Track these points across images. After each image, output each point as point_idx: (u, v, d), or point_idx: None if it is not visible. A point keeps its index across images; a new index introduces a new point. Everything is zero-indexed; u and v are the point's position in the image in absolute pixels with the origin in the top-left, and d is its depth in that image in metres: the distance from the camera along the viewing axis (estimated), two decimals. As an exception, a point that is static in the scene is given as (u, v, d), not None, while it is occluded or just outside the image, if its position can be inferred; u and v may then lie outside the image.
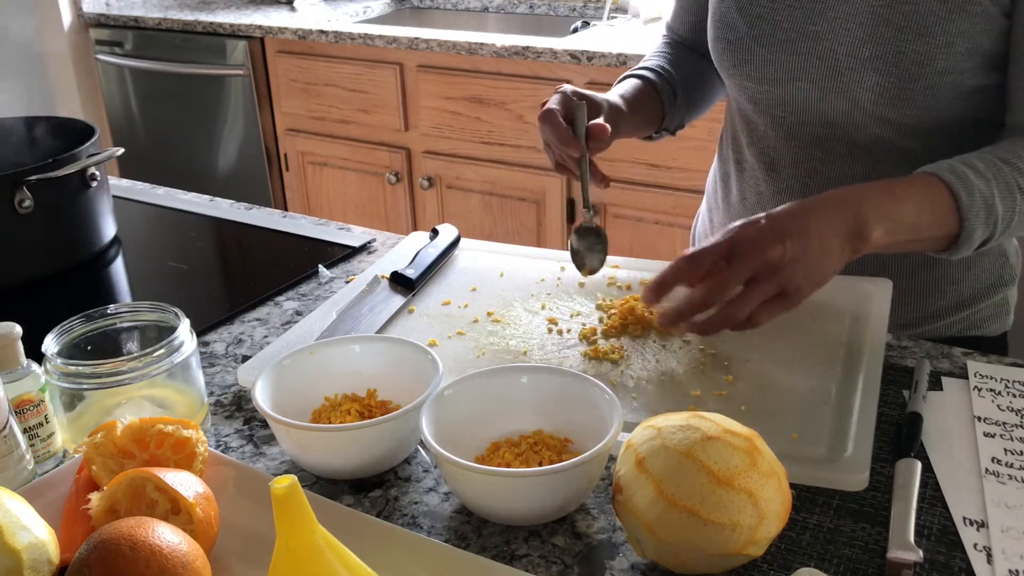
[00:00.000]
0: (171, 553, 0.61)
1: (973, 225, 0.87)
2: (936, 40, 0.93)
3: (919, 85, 0.95)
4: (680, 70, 1.20)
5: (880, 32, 0.95)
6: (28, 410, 0.80)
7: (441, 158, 2.69)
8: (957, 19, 0.92)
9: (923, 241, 0.89)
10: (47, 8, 3.20)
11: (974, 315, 1.09)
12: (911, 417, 0.82)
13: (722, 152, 1.21)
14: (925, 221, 0.87)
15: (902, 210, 0.86)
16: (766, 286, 0.81)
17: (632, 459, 0.67)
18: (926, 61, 0.93)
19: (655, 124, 1.18)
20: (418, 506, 0.76)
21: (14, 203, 1.11)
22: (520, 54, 2.41)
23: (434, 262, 1.12)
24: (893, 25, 0.94)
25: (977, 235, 0.89)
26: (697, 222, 1.33)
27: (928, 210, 0.87)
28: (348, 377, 0.85)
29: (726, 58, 1.07)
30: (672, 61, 1.21)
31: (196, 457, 0.74)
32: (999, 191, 0.88)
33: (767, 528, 0.64)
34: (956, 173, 0.88)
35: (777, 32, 1.01)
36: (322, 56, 2.78)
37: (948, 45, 0.92)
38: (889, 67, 0.95)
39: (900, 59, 0.94)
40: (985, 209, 0.88)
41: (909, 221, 0.86)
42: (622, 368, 0.91)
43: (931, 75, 0.94)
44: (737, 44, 1.05)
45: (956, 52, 0.93)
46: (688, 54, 1.23)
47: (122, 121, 3.31)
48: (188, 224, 1.38)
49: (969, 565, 0.68)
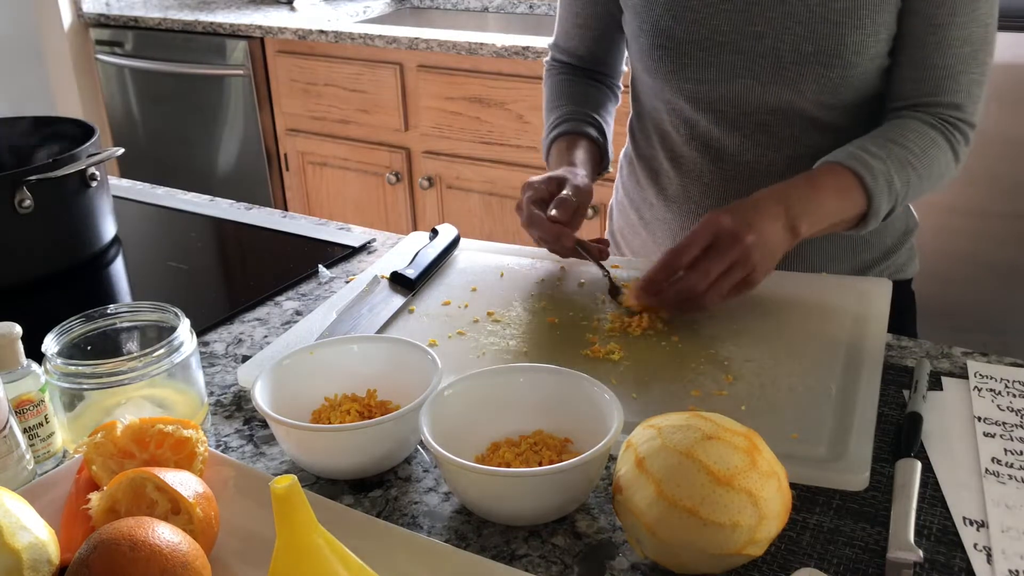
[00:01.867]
0: (171, 553, 0.61)
1: (880, 202, 0.99)
2: (867, 30, 1.01)
3: (856, 71, 1.03)
4: (592, 105, 1.23)
5: (819, 29, 1.01)
6: (28, 410, 0.80)
7: (441, 158, 2.69)
8: (881, 8, 1.00)
9: (840, 223, 1.01)
10: (47, 8, 3.20)
11: (895, 260, 1.21)
12: (911, 417, 0.82)
13: (642, 152, 1.23)
14: (841, 206, 0.98)
15: (823, 200, 0.97)
16: (737, 272, 0.92)
17: (632, 459, 0.67)
18: (861, 50, 1.02)
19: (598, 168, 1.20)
20: (418, 506, 0.76)
21: (14, 203, 1.11)
22: (520, 54, 2.41)
23: (434, 262, 1.12)
24: (831, 21, 1.01)
25: (883, 210, 1.00)
26: (613, 216, 1.34)
27: (842, 196, 0.98)
28: (348, 377, 0.85)
29: (664, 64, 1.10)
30: (580, 99, 1.23)
31: (196, 457, 0.74)
32: (895, 168, 0.99)
33: (767, 528, 0.64)
34: (858, 159, 0.99)
35: (716, 35, 1.06)
36: (322, 56, 2.79)
37: (876, 33, 1.01)
38: (832, 59, 1.02)
39: (841, 51, 1.02)
40: (887, 186, 0.99)
41: (829, 209, 0.98)
42: (622, 368, 0.91)
43: (865, 61, 1.03)
44: (675, 49, 1.08)
45: (881, 39, 1.02)
46: (584, 84, 1.26)
47: (122, 121, 3.31)
48: (188, 224, 1.38)
49: (969, 565, 0.68)
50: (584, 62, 1.27)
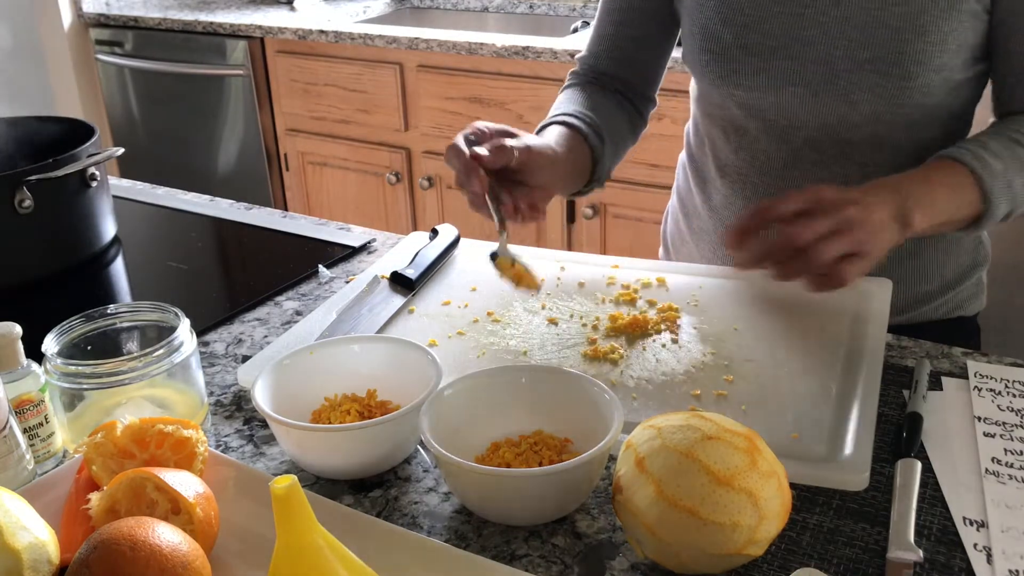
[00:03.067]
0: (171, 553, 0.61)
1: (997, 202, 0.93)
2: (931, 38, 0.96)
3: (916, 83, 0.97)
4: (600, 113, 1.13)
5: (877, 34, 0.97)
6: (28, 410, 0.80)
7: (441, 158, 2.67)
8: (948, 17, 0.95)
9: (954, 223, 0.95)
10: (47, 8, 3.20)
11: (956, 296, 1.14)
12: (911, 417, 0.82)
13: (695, 159, 1.20)
14: (954, 205, 0.92)
15: (938, 196, 0.91)
16: (842, 240, 0.82)
17: (632, 459, 0.67)
18: (924, 60, 0.96)
19: (586, 174, 1.11)
20: (418, 506, 0.76)
21: (14, 203, 1.11)
22: (520, 54, 2.41)
23: (434, 262, 1.12)
24: (889, 27, 0.96)
25: (1000, 211, 0.94)
26: (667, 221, 1.32)
27: (958, 193, 0.92)
28: (348, 377, 0.85)
29: (712, 68, 1.06)
30: (589, 105, 1.14)
31: (196, 457, 0.74)
32: (1015, 167, 0.93)
33: (767, 528, 0.64)
34: (975, 156, 0.93)
35: (767, 40, 1.02)
36: (322, 56, 2.78)
37: (942, 43, 0.96)
38: (889, 67, 0.97)
39: (900, 59, 0.96)
40: (1006, 186, 0.93)
41: (944, 206, 0.91)
42: (622, 368, 0.91)
43: (927, 73, 0.97)
44: (723, 54, 1.05)
45: (948, 49, 0.96)
46: (602, 96, 1.17)
47: (122, 121, 3.31)
48: (188, 224, 1.38)
49: (969, 565, 0.68)
50: (610, 75, 1.19)
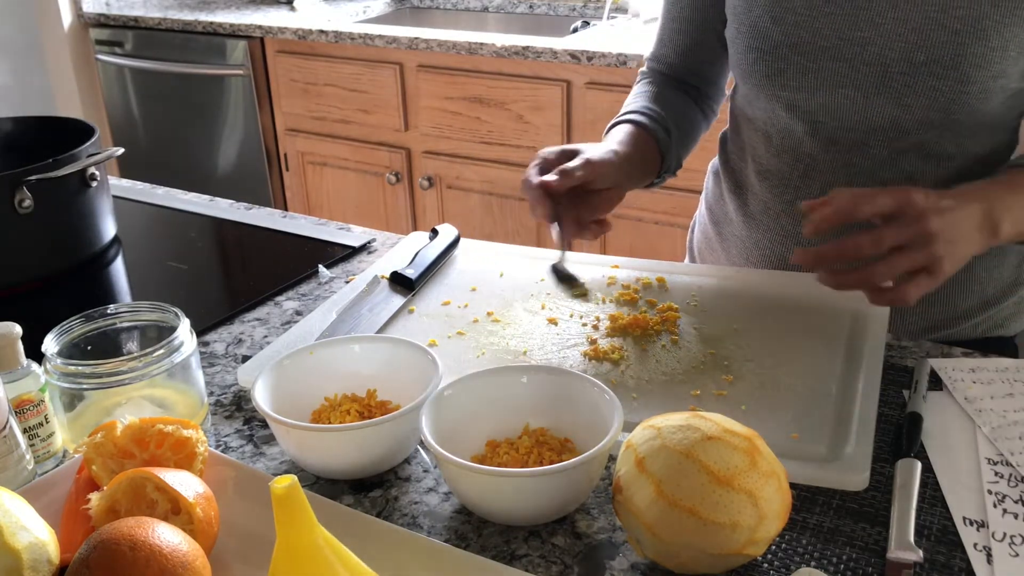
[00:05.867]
0: (171, 553, 0.61)
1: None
2: (992, 43, 0.92)
3: (973, 88, 0.94)
4: (666, 106, 1.15)
5: (935, 36, 0.94)
6: (28, 410, 0.80)
7: (441, 158, 2.69)
8: (1010, 22, 0.92)
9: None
10: (47, 8, 3.21)
11: (997, 314, 1.10)
12: (911, 417, 0.82)
13: (731, 163, 1.18)
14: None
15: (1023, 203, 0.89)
16: (916, 255, 0.81)
17: (632, 459, 0.67)
18: (983, 64, 0.93)
19: (655, 168, 1.14)
20: (418, 506, 0.76)
21: (14, 203, 1.11)
22: (520, 54, 2.41)
23: (434, 262, 1.12)
24: (948, 28, 0.93)
25: None
26: (695, 230, 1.31)
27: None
28: (348, 377, 0.85)
29: (758, 67, 1.04)
30: (655, 99, 1.16)
31: (196, 457, 0.74)
32: None
33: (767, 528, 0.64)
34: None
35: (818, 39, 0.99)
36: (322, 56, 2.79)
37: (1003, 48, 0.93)
38: (947, 71, 0.94)
39: (959, 62, 0.93)
40: None
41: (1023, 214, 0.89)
42: (622, 368, 0.91)
43: (986, 79, 0.94)
44: (771, 53, 1.02)
45: (1009, 55, 0.93)
46: (670, 89, 1.19)
47: (122, 121, 3.31)
48: (188, 224, 1.38)
49: (969, 565, 0.68)
50: (676, 70, 1.20)
